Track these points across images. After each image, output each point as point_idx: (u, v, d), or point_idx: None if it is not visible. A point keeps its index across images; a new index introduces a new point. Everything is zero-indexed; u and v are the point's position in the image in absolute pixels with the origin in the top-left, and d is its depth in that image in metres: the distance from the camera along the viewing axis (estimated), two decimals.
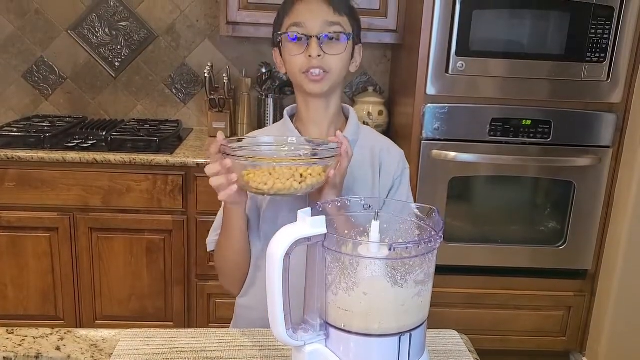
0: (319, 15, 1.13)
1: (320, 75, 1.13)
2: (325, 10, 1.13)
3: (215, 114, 2.59)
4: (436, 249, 0.75)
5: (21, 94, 2.74)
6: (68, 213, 2.25)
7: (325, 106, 1.20)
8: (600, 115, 2.18)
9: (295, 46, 1.14)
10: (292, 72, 1.17)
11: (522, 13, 2.10)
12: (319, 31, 1.12)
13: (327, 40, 1.13)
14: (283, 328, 0.76)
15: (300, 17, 1.13)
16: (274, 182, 0.95)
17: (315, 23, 1.12)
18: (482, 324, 2.37)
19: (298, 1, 1.15)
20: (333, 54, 1.14)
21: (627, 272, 2.23)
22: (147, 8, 2.68)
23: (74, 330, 1.00)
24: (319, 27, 1.12)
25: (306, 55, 1.13)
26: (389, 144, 1.28)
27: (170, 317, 2.39)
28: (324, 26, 1.13)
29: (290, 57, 1.15)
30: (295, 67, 1.15)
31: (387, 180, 1.22)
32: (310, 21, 1.12)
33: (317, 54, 1.12)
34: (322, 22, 1.13)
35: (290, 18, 1.15)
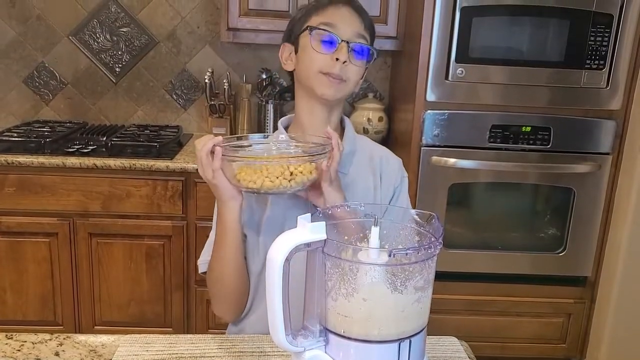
0: (353, 25, 1.13)
1: (338, 80, 1.12)
2: (357, 22, 1.14)
3: (215, 119, 2.60)
4: (436, 255, 0.75)
5: (22, 99, 2.75)
6: (68, 218, 2.25)
7: (328, 116, 1.19)
8: (599, 122, 2.18)
9: (324, 47, 1.12)
10: (307, 71, 1.14)
11: (521, 20, 2.11)
12: (350, 38, 1.12)
13: (355, 51, 1.13)
14: (283, 334, 0.75)
15: (333, 19, 1.12)
16: (263, 180, 0.95)
17: (348, 30, 1.12)
18: (482, 331, 2.36)
19: (331, 5, 1.14)
20: (357, 64, 1.13)
21: (627, 279, 2.23)
22: (148, 14, 2.69)
23: (73, 336, 1.00)
24: (350, 34, 1.12)
25: (333, 57, 1.11)
26: (387, 153, 1.28)
27: (169, 323, 2.38)
28: (356, 36, 1.13)
29: (313, 54, 1.12)
30: (315, 65, 1.12)
31: (388, 190, 1.21)
32: (343, 26, 1.12)
33: (345, 58, 1.10)
34: (353, 32, 1.13)
35: (321, 17, 1.13)
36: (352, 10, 1.15)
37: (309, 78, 1.14)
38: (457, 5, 2.04)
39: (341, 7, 1.14)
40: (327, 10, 1.14)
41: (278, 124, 1.24)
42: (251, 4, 2.37)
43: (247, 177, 0.96)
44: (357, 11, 1.15)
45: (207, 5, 2.67)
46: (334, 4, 1.14)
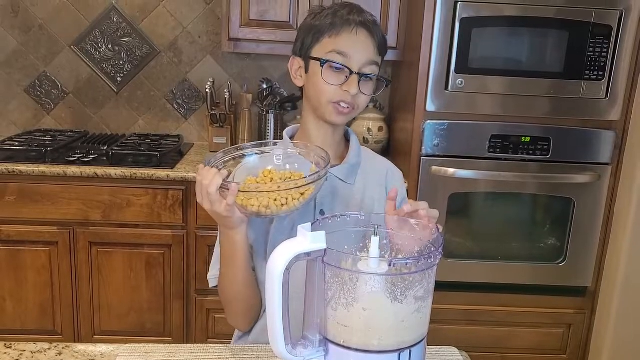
0: (365, 52, 1.11)
1: (347, 110, 1.12)
2: (371, 48, 1.12)
3: (216, 129, 2.61)
4: (436, 265, 0.75)
5: (23, 108, 2.76)
6: (68, 227, 2.25)
7: (333, 131, 1.20)
8: (599, 133, 2.19)
9: (333, 75, 1.11)
10: (318, 99, 1.14)
11: (521, 31, 2.12)
12: (362, 68, 1.10)
13: (364, 79, 1.12)
14: (282, 344, 0.76)
15: (346, 47, 1.10)
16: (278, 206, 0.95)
17: (361, 59, 1.10)
18: (482, 341, 2.35)
19: (346, 28, 1.11)
20: (366, 93, 1.13)
21: (628, 289, 2.22)
22: (150, 24, 2.70)
23: (72, 345, 1.00)
24: (363, 63, 1.11)
25: (342, 88, 1.10)
26: (391, 166, 1.30)
27: (169, 332, 2.38)
28: (367, 64, 1.11)
29: (323, 85, 1.11)
30: (325, 95, 1.12)
31: None
32: (356, 55, 1.10)
33: (356, 92, 1.10)
34: (367, 60, 1.11)
35: (334, 42, 1.11)
36: (367, 34, 1.12)
37: (319, 106, 1.14)
38: (456, 16, 2.05)
39: (356, 31, 1.11)
40: (341, 35, 1.11)
41: (283, 134, 1.24)
42: (252, 14, 2.39)
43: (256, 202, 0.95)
44: (371, 33, 1.12)
45: (209, 15, 2.69)
46: (348, 27, 1.11)
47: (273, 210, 0.95)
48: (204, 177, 0.96)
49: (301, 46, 1.16)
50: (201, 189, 0.96)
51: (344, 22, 1.11)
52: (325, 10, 1.15)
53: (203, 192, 0.96)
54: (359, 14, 1.13)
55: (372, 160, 1.27)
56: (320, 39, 1.12)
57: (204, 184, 0.95)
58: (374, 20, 1.15)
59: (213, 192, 0.94)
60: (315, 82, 1.13)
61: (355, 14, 1.13)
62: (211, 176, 0.95)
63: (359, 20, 1.12)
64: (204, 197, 0.96)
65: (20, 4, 2.64)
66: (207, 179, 0.95)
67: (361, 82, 1.11)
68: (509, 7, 2.06)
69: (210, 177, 0.95)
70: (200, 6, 2.68)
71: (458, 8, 2.05)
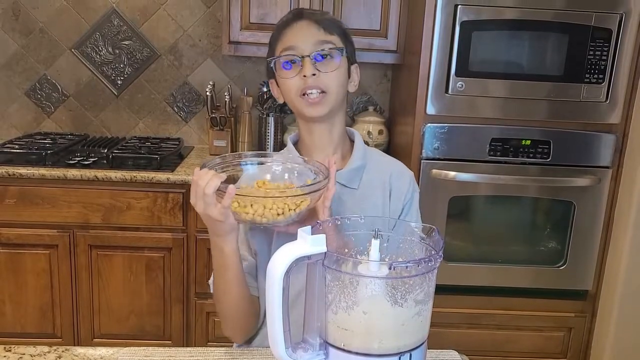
0: (310, 36, 1.12)
1: (318, 97, 1.11)
2: (316, 31, 1.13)
3: (216, 132, 2.61)
4: (436, 268, 0.75)
5: (23, 111, 2.76)
6: (68, 230, 2.25)
7: (329, 131, 1.18)
8: (599, 136, 2.19)
9: (290, 71, 1.12)
10: (290, 98, 1.15)
11: (521, 34, 2.13)
12: (312, 50, 1.10)
13: (321, 60, 1.11)
14: (282, 347, 0.75)
15: (291, 41, 1.12)
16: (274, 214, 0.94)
17: (307, 44, 1.11)
18: (482, 345, 2.35)
19: (287, 27, 1.14)
20: (328, 71, 1.11)
21: (628, 292, 2.22)
22: (150, 27, 2.71)
23: (72, 349, 1.00)
24: (311, 47, 1.11)
25: (301, 76, 1.10)
26: (400, 167, 1.25)
27: (168, 336, 2.37)
28: (316, 45, 1.11)
29: (285, 81, 1.13)
30: (291, 90, 1.13)
31: (397, 206, 1.19)
32: (302, 43, 1.11)
33: (311, 72, 1.09)
34: (314, 42, 1.11)
35: (282, 44, 1.14)
36: (306, 21, 1.14)
37: (293, 104, 1.15)
38: (456, 20, 2.06)
39: (295, 24, 1.14)
40: (285, 33, 1.14)
41: (287, 140, 1.24)
42: (252, 17, 2.39)
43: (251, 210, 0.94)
44: (312, 20, 1.14)
45: (209, 18, 2.70)
46: (288, 25, 1.14)
47: (268, 219, 0.94)
48: (200, 178, 0.94)
49: (268, 67, 1.19)
50: (197, 190, 0.94)
51: (283, 26, 1.16)
52: None
53: (198, 193, 0.94)
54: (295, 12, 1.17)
55: (377, 163, 1.23)
56: (274, 50, 1.16)
57: (200, 184, 0.93)
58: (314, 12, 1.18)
59: (209, 194, 0.92)
60: (282, 85, 1.15)
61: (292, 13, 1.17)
62: (208, 177, 0.93)
63: (294, 16, 1.15)
64: (199, 199, 0.94)
65: (21, 7, 2.64)
66: (204, 180, 0.93)
67: (319, 63, 1.10)
68: (509, 10, 2.07)
69: (208, 178, 0.93)
70: (201, 9, 2.69)
71: (458, 11, 2.05)
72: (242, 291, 1.09)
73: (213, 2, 2.67)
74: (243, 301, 1.09)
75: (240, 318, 1.12)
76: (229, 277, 1.05)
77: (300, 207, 0.95)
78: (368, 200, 1.17)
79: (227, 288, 1.07)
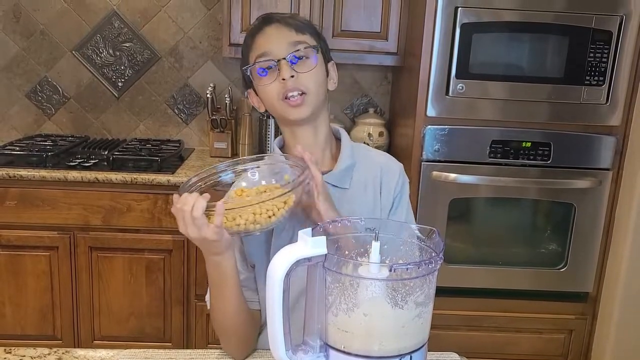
0: (282, 39, 1.10)
1: (298, 98, 1.09)
2: (287, 33, 1.11)
3: (216, 134, 2.61)
4: (437, 270, 0.75)
5: (24, 113, 2.76)
6: (68, 232, 2.25)
7: (314, 133, 1.16)
8: (599, 138, 2.18)
9: (267, 77, 1.10)
10: (271, 104, 1.12)
11: (521, 37, 2.13)
12: (286, 52, 1.08)
13: (297, 61, 1.09)
14: (283, 349, 0.75)
15: (264, 47, 1.10)
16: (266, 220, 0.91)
17: (280, 47, 1.09)
18: (483, 347, 2.35)
19: (258, 33, 1.13)
20: (305, 71, 1.09)
21: (629, 294, 2.22)
22: (151, 29, 2.71)
23: (72, 350, 1.00)
24: (284, 49, 1.09)
25: (279, 80, 1.08)
26: (387, 160, 1.24)
27: (168, 338, 2.37)
28: (290, 47, 1.09)
29: (264, 88, 1.11)
30: (271, 96, 1.10)
31: (387, 200, 1.19)
32: (275, 46, 1.09)
33: (289, 74, 1.07)
34: (287, 44, 1.09)
35: (255, 51, 1.12)
36: (277, 25, 1.12)
37: (275, 110, 1.13)
38: (457, 22, 2.06)
39: (265, 29, 1.12)
40: (256, 40, 1.12)
41: (273, 144, 1.22)
42: (253, 19, 2.37)
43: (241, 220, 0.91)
44: (279, 22, 1.12)
45: (210, 21, 2.70)
46: (258, 31, 1.13)
47: (262, 224, 0.92)
48: (184, 204, 0.91)
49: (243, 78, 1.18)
50: (184, 216, 0.91)
51: (253, 32, 1.14)
52: None
53: (187, 219, 0.91)
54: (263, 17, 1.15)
55: (365, 159, 1.21)
56: (248, 59, 1.15)
57: (186, 209, 0.90)
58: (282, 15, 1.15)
59: (198, 216, 0.90)
60: (260, 93, 1.14)
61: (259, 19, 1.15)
62: (192, 200, 0.90)
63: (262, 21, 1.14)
64: (188, 224, 0.91)
65: (22, 9, 2.64)
66: (189, 204, 0.90)
67: (295, 65, 1.08)
68: (510, 13, 2.07)
69: (192, 201, 0.90)
70: (201, 11, 2.69)
71: (458, 14, 2.05)
72: (241, 306, 1.06)
73: (214, 4, 2.68)
74: (242, 315, 1.07)
75: (239, 333, 1.09)
76: (227, 293, 1.03)
77: (288, 203, 0.93)
78: (360, 199, 1.16)
79: (226, 304, 1.04)
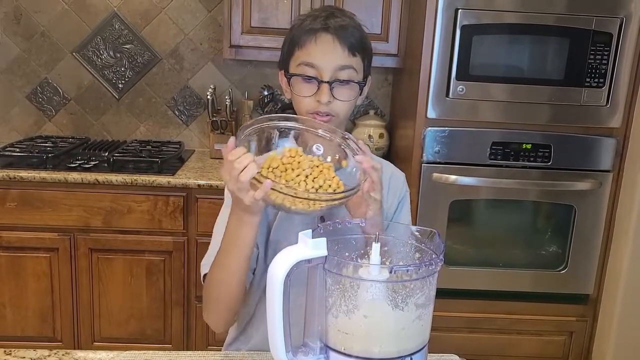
0: (332, 59, 1.08)
1: (326, 118, 1.10)
2: (339, 53, 1.08)
3: (217, 135, 2.61)
4: (437, 272, 0.75)
5: (25, 114, 2.76)
6: (69, 233, 2.25)
7: None
8: (600, 140, 2.18)
9: (305, 86, 1.10)
10: (297, 107, 1.13)
11: (521, 39, 2.13)
12: (331, 76, 1.08)
13: (338, 85, 1.09)
14: (283, 351, 0.75)
15: (313, 58, 1.09)
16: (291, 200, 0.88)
17: (328, 66, 1.08)
18: (483, 349, 2.34)
19: (309, 38, 1.09)
20: (343, 100, 1.10)
21: (630, 296, 2.22)
22: (152, 31, 2.71)
23: (72, 352, 1.00)
24: (331, 71, 1.08)
25: (315, 99, 1.09)
26: (392, 168, 1.28)
27: (169, 339, 2.37)
28: (336, 71, 1.08)
29: (298, 97, 1.11)
30: (302, 107, 1.11)
31: (392, 204, 1.22)
32: (324, 64, 1.08)
33: (327, 100, 1.08)
34: (335, 67, 1.08)
35: (303, 54, 1.10)
36: (333, 37, 1.08)
37: (299, 112, 1.13)
38: (457, 24, 2.06)
39: (320, 37, 1.09)
40: (306, 45, 1.09)
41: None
42: (254, 21, 2.40)
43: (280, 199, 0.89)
44: (337, 37, 1.08)
45: (210, 22, 2.70)
46: (312, 35, 1.09)
47: (299, 209, 0.90)
48: (237, 161, 0.90)
49: (281, 61, 1.16)
50: (231, 172, 0.90)
51: (306, 32, 1.10)
52: (298, 20, 1.14)
53: (232, 175, 0.90)
54: (325, 19, 1.09)
55: None
56: (292, 52, 1.12)
57: (236, 167, 0.89)
58: (341, 21, 1.10)
59: (244, 181, 0.89)
60: (293, 94, 1.13)
61: (321, 20, 1.09)
62: (246, 162, 0.89)
63: (321, 27, 1.09)
64: (231, 180, 0.91)
65: (23, 10, 2.65)
66: (241, 165, 0.89)
67: (335, 89, 1.08)
68: (510, 15, 2.07)
69: (245, 163, 0.89)
70: (202, 13, 2.69)
71: (459, 15, 2.05)
72: (243, 279, 1.06)
73: (214, 6, 2.68)
74: (241, 289, 1.06)
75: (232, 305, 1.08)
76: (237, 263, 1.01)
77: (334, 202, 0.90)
78: None
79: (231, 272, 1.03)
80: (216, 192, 2.15)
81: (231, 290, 1.05)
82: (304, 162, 0.96)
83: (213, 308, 1.10)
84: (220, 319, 1.11)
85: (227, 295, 1.06)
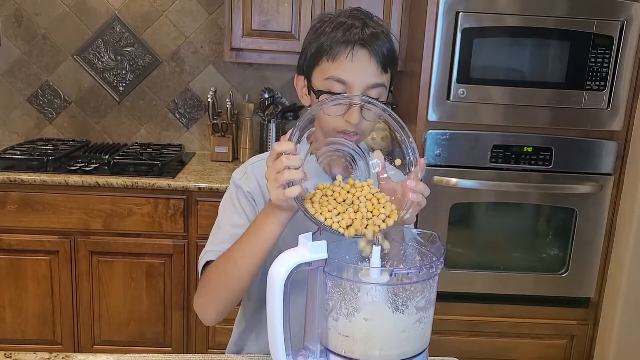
0: (365, 78, 1.03)
1: (353, 136, 1.03)
2: (373, 70, 1.03)
3: (218, 138, 2.61)
4: (437, 275, 0.74)
5: (26, 117, 2.76)
6: (69, 236, 2.25)
7: None
8: (601, 143, 2.18)
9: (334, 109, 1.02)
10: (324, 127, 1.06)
11: (522, 42, 2.13)
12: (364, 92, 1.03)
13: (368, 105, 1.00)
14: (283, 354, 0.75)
15: (345, 75, 1.02)
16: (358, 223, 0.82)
17: (361, 85, 1.02)
18: (484, 353, 2.34)
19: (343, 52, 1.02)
20: (371, 120, 1.04)
21: (631, 300, 2.21)
22: (153, 34, 2.71)
23: (72, 355, 0.99)
24: (362, 89, 1.03)
25: (344, 118, 1.02)
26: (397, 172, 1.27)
27: (169, 343, 2.36)
28: (369, 89, 1.03)
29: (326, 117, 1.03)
30: (328, 126, 1.04)
31: None
32: (357, 82, 1.02)
33: (357, 122, 1.01)
34: (367, 85, 1.03)
35: (334, 68, 1.03)
36: (366, 53, 1.02)
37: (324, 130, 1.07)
38: (458, 27, 2.06)
39: (352, 55, 1.02)
40: (338, 59, 1.02)
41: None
42: (254, 24, 2.40)
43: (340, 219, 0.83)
44: (372, 51, 1.02)
45: (211, 25, 2.70)
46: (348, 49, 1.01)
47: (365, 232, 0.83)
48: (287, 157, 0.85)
49: (304, 66, 1.09)
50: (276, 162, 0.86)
51: (340, 44, 1.02)
52: (326, 24, 1.05)
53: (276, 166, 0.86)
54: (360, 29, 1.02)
55: None
56: (319, 62, 1.05)
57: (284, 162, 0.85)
58: (375, 33, 1.03)
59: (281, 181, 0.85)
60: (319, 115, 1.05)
61: (355, 30, 1.02)
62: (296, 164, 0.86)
63: (357, 38, 1.02)
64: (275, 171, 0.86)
65: (24, 13, 2.65)
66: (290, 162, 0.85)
67: (364, 109, 1.01)
68: (511, 18, 2.07)
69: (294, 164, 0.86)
70: (203, 16, 2.70)
71: (460, 18, 2.05)
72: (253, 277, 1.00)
73: (215, 9, 2.68)
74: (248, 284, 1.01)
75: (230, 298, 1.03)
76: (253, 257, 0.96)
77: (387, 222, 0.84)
78: None
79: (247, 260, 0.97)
80: (217, 195, 2.15)
81: (235, 283, 1.00)
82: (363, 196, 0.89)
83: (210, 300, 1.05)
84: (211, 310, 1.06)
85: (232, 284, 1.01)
